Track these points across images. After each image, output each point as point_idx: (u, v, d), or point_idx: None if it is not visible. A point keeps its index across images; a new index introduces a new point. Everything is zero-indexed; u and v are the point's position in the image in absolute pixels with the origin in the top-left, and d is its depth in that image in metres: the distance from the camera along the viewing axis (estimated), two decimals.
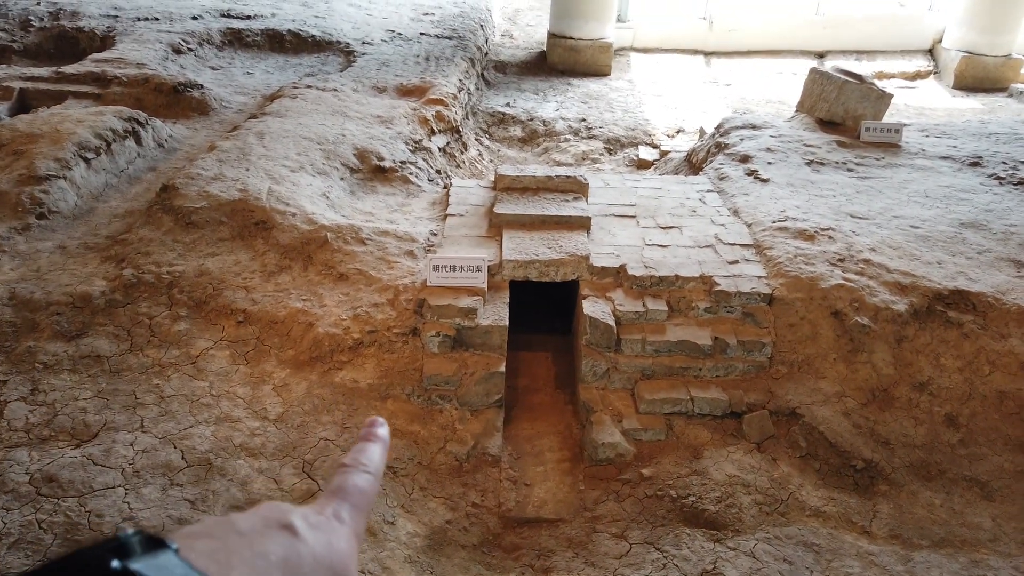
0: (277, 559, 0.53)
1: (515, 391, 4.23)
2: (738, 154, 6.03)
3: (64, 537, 2.94)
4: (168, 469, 3.31)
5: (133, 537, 0.47)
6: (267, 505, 0.60)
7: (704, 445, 3.80)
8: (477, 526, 3.45)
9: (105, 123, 5.46)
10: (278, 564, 0.53)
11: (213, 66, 8.15)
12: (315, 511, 0.61)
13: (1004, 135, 6.50)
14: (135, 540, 0.47)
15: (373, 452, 0.73)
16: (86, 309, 4.01)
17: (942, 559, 3.27)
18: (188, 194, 4.68)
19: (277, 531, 0.56)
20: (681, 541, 3.32)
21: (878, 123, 6.34)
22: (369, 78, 7.48)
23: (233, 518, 0.57)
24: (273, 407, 3.72)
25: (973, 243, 4.67)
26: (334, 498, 0.65)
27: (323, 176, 5.24)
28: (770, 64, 11.00)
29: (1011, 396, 3.87)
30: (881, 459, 3.69)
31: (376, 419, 0.77)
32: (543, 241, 4.45)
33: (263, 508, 0.60)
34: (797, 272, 4.27)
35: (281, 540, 0.55)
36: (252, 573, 0.51)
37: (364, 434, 0.75)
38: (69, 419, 3.48)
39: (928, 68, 10.96)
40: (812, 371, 4.01)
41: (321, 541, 0.57)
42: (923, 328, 4.06)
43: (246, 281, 4.24)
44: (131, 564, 0.45)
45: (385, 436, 0.76)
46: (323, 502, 0.64)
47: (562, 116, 8.57)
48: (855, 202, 5.18)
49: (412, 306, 4.09)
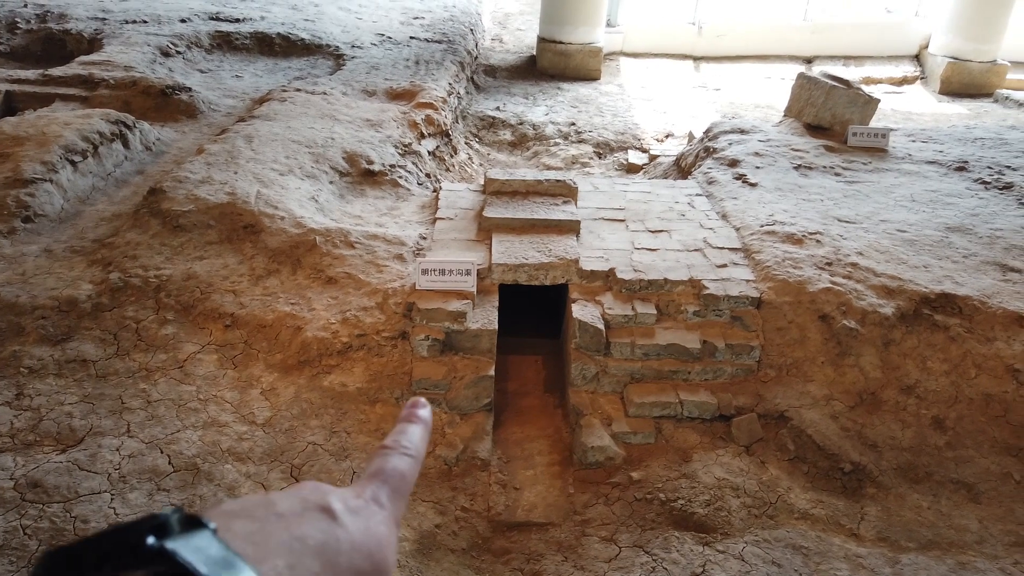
0: (315, 543, 0.52)
1: (505, 395, 4.23)
2: (727, 158, 6.05)
3: (49, 543, 2.91)
4: (155, 474, 3.28)
5: (172, 515, 0.46)
6: (308, 485, 0.59)
7: (693, 448, 3.80)
8: (466, 530, 3.44)
9: (92, 126, 5.43)
10: (316, 549, 0.52)
11: (202, 69, 8.12)
12: (354, 494, 0.60)
13: (989, 140, 6.56)
14: (174, 518, 0.46)
15: (414, 434, 0.70)
16: (72, 313, 3.98)
17: (929, 561, 3.29)
18: (176, 197, 4.65)
19: (316, 514, 0.55)
20: (670, 544, 3.32)
21: (865, 128, 6.38)
22: (359, 82, 7.47)
23: (273, 497, 0.55)
24: (261, 411, 3.70)
25: (959, 247, 4.71)
26: (373, 481, 0.63)
27: (312, 180, 5.22)
28: (759, 69, 11.06)
29: (997, 399, 3.90)
30: (869, 462, 3.71)
31: (418, 399, 0.75)
32: (532, 245, 4.45)
33: (304, 488, 0.58)
34: (785, 276, 4.29)
35: (320, 524, 0.54)
36: (289, 556, 0.50)
37: (405, 415, 0.72)
38: (54, 424, 3.45)
39: (915, 73, 11.06)
40: (800, 374, 4.02)
41: (359, 526, 0.56)
42: (910, 331, 4.09)
43: (234, 285, 4.22)
44: (167, 543, 0.44)
45: (427, 417, 0.73)
46: (362, 485, 0.62)
47: (552, 120, 8.58)
48: (842, 206, 5.22)
49: (401, 310, 4.08)
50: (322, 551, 0.52)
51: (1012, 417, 3.85)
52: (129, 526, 0.45)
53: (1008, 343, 4.01)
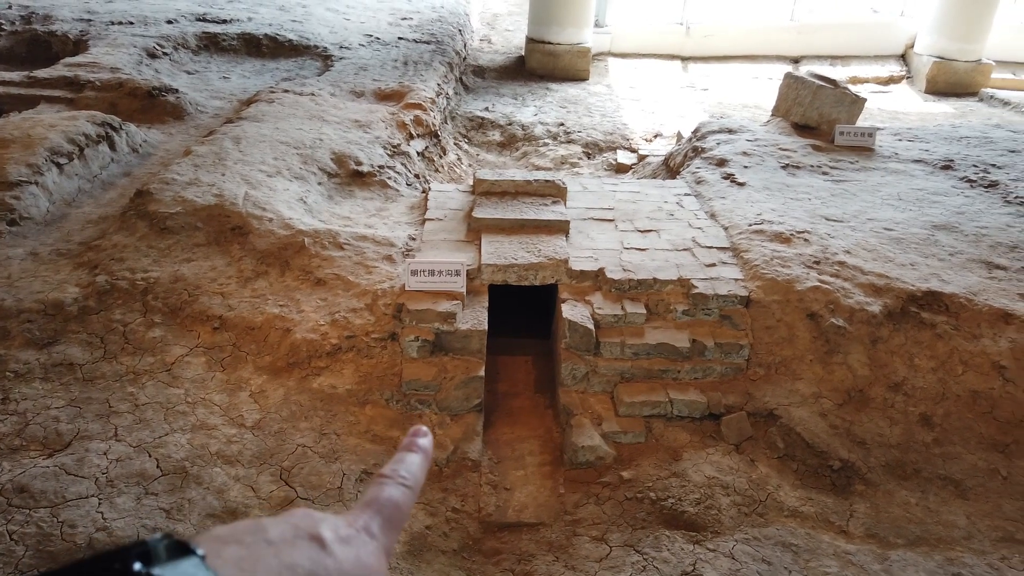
0: (304, 572, 0.52)
1: (495, 395, 4.22)
2: (715, 158, 6.08)
3: (36, 548, 2.89)
4: (143, 478, 3.26)
5: (160, 542, 0.46)
6: (299, 512, 0.59)
7: (683, 447, 3.81)
8: (457, 531, 3.43)
9: (78, 128, 5.39)
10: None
11: (189, 70, 8.08)
12: (346, 523, 0.60)
13: (975, 139, 6.61)
14: (161, 545, 0.46)
15: (412, 463, 0.69)
16: (58, 316, 3.95)
17: (918, 558, 3.31)
18: (163, 199, 4.63)
19: (306, 542, 0.55)
20: (661, 543, 3.32)
21: (852, 127, 6.42)
22: (347, 82, 7.45)
23: (264, 524, 0.56)
24: (250, 414, 3.68)
25: (945, 245, 4.74)
26: (367, 510, 0.63)
27: (300, 181, 5.20)
28: (746, 69, 11.11)
29: (984, 395, 3.93)
30: (857, 459, 3.73)
31: (420, 428, 0.74)
32: (522, 245, 4.45)
33: (295, 515, 0.59)
34: (773, 275, 4.31)
35: (309, 552, 0.54)
36: None
37: (406, 444, 0.72)
38: (41, 428, 3.42)
39: (901, 73, 11.13)
40: (789, 373, 4.04)
41: (349, 556, 0.56)
42: (897, 329, 4.11)
43: (222, 287, 4.20)
44: (154, 570, 0.44)
45: (427, 447, 0.72)
46: (355, 514, 0.62)
47: (541, 120, 8.59)
48: (830, 205, 5.24)
49: (391, 311, 4.07)
50: None
51: (998, 413, 3.88)
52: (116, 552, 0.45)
53: (994, 340, 4.04)
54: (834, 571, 3.20)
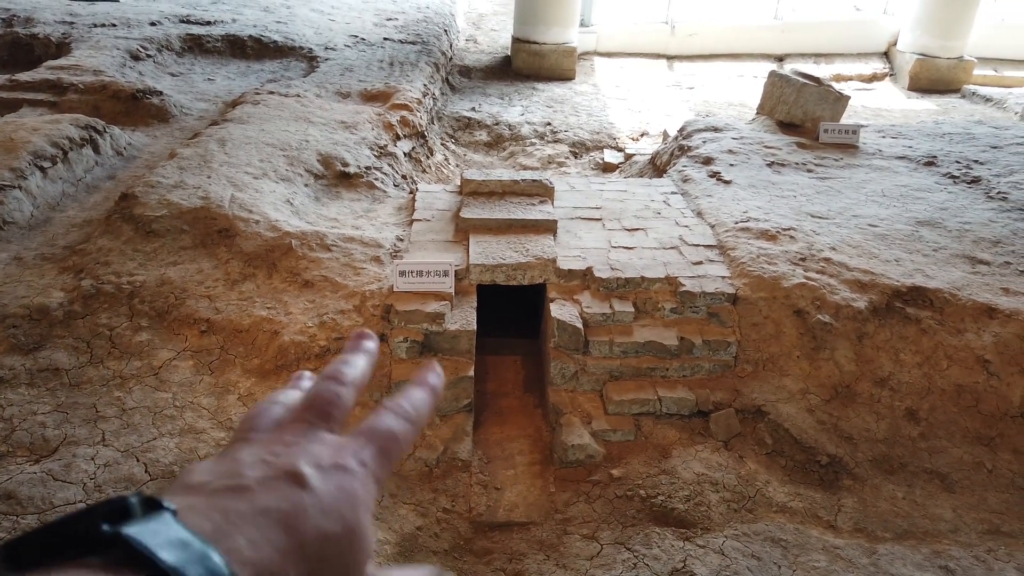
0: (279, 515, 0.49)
1: (484, 395, 4.23)
2: (701, 156, 6.10)
3: None
4: (131, 483, 3.24)
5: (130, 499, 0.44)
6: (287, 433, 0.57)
7: (672, 444, 3.83)
8: (448, 531, 3.43)
9: (61, 131, 5.35)
10: (280, 520, 0.49)
11: (173, 72, 8.03)
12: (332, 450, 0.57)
13: (957, 135, 6.68)
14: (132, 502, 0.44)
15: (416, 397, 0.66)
16: (43, 321, 3.92)
17: (905, 551, 3.34)
18: (148, 202, 4.60)
19: (283, 482, 0.52)
20: (651, 540, 3.34)
21: (836, 124, 6.47)
22: (333, 84, 7.43)
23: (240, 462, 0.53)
24: (238, 417, 3.66)
25: (929, 241, 4.79)
26: (359, 438, 0.60)
27: (287, 182, 5.18)
28: (731, 67, 11.16)
29: (968, 389, 3.97)
30: (845, 454, 3.76)
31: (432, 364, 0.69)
32: (510, 245, 4.46)
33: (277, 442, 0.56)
34: (760, 272, 4.34)
35: (285, 492, 0.51)
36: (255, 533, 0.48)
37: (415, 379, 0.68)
38: (27, 434, 3.39)
39: (884, 70, 11.22)
40: (776, 369, 4.07)
41: (331, 487, 0.53)
42: (883, 325, 4.15)
43: (209, 290, 4.17)
44: (124, 528, 0.42)
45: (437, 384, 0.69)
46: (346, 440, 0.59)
47: (527, 120, 8.60)
48: (815, 202, 5.28)
49: (379, 312, 4.07)
50: (287, 521, 0.50)
51: (983, 407, 3.92)
52: (84, 512, 0.43)
53: (978, 334, 4.08)
54: (823, 565, 3.23)
